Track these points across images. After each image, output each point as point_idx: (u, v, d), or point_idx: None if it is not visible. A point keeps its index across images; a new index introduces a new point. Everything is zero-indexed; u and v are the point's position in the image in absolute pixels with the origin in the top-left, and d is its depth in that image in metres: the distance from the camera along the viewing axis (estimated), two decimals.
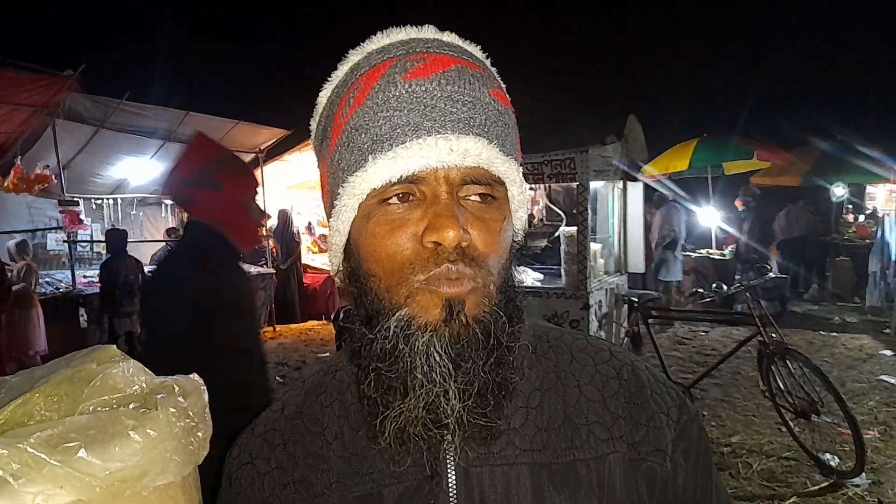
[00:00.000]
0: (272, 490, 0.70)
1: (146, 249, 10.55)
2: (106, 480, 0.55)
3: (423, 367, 0.58)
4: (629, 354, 0.75)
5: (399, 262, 0.60)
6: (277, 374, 6.63)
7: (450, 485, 0.64)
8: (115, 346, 0.71)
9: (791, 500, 3.41)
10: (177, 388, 0.68)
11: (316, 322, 9.65)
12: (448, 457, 0.64)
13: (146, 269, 8.61)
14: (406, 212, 0.60)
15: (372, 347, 0.61)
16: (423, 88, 0.60)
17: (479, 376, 0.60)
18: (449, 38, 0.67)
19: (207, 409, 0.70)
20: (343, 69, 0.67)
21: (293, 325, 9.44)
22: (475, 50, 0.68)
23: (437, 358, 0.58)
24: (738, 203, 9.84)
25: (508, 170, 0.63)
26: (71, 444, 0.54)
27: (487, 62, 0.69)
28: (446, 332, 0.59)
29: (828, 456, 3.77)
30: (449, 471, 0.64)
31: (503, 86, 0.68)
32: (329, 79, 0.69)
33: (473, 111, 0.60)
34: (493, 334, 0.60)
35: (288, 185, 11.45)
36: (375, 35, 0.66)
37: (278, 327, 9.23)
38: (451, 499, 0.64)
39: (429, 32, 0.66)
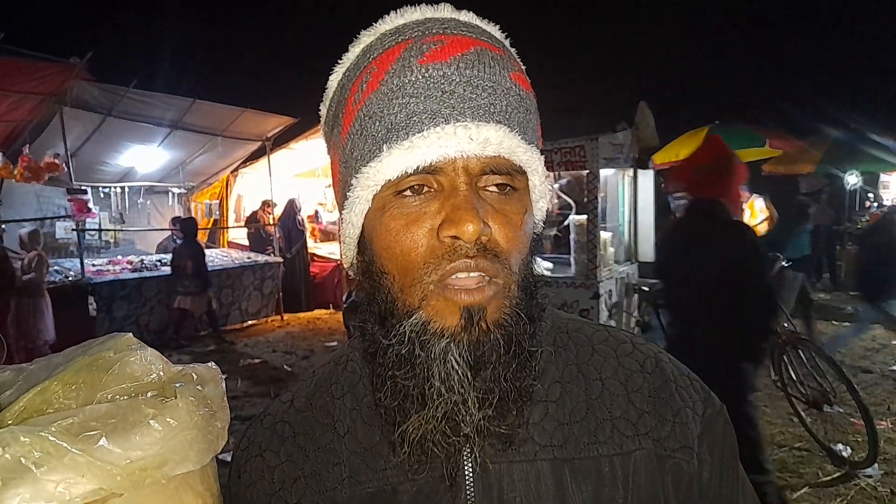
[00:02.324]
0: (282, 483, 0.68)
1: (152, 238, 10.62)
2: (127, 469, 0.54)
3: (441, 375, 0.56)
4: (651, 346, 0.72)
5: (413, 259, 0.57)
6: (285, 362, 6.66)
7: (467, 482, 0.62)
8: (131, 335, 0.69)
9: (803, 491, 3.40)
10: (195, 377, 0.67)
11: (323, 311, 9.68)
12: (464, 453, 0.62)
13: (154, 257, 8.70)
14: (423, 204, 0.58)
15: (387, 354, 0.59)
16: (441, 73, 0.56)
17: (499, 384, 0.57)
18: (466, 17, 0.63)
19: (225, 398, 0.69)
20: (354, 51, 0.64)
21: (300, 314, 9.48)
22: (494, 30, 0.65)
23: (455, 365, 0.56)
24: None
25: (530, 159, 0.60)
26: (92, 433, 0.53)
27: (507, 42, 0.65)
28: (465, 339, 0.56)
29: (840, 446, 3.75)
30: (466, 468, 0.62)
31: (523, 68, 0.65)
32: (339, 62, 0.65)
33: (494, 97, 0.57)
34: (514, 338, 0.58)
35: (294, 174, 11.45)
36: (388, 15, 0.63)
37: (286, 316, 9.27)
38: (469, 497, 0.62)
39: (445, 11, 0.63)
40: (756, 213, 9.46)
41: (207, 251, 9.73)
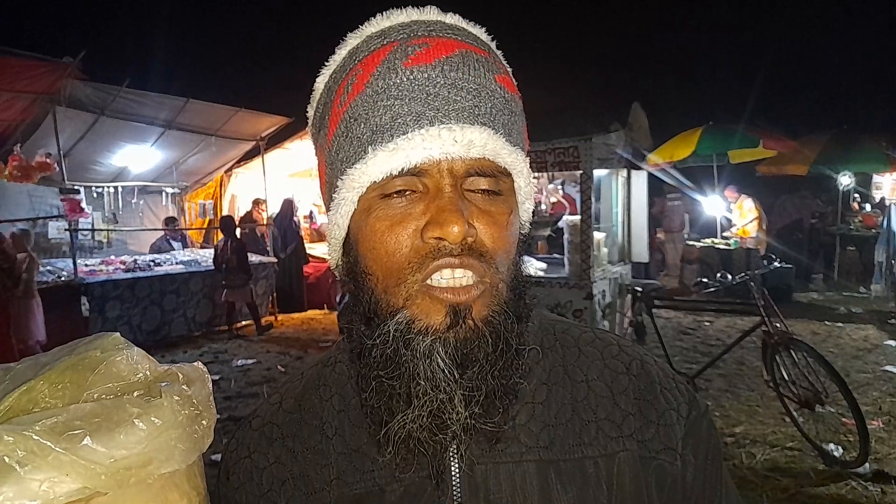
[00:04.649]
0: (270, 485, 0.69)
1: (146, 238, 10.57)
2: (111, 468, 0.54)
3: (427, 373, 0.56)
4: (638, 349, 0.73)
5: (398, 260, 0.57)
6: (279, 363, 6.64)
7: (454, 483, 0.62)
8: (118, 334, 0.69)
9: (794, 491, 3.41)
10: (181, 376, 0.67)
11: (318, 311, 9.67)
12: (451, 452, 0.62)
13: (147, 258, 8.66)
14: (408, 206, 0.58)
15: (372, 353, 0.59)
16: (426, 75, 0.57)
17: (486, 381, 0.58)
18: (452, 20, 0.64)
19: (212, 397, 0.69)
20: (341, 54, 0.64)
21: (295, 315, 9.45)
22: (480, 32, 0.65)
23: (441, 363, 0.56)
24: (728, 193, 9.82)
25: (515, 161, 0.61)
26: (76, 432, 0.53)
27: (493, 45, 0.66)
28: (451, 337, 0.57)
29: (832, 446, 3.77)
30: (453, 468, 0.62)
31: (509, 70, 0.65)
32: (326, 64, 0.66)
33: (478, 99, 0.58)
34: (502, 336, 0.58)
35: (289, 174, 11.43)
36: (375, 17, 0.63)
37: (280, 316, 9.25)
38: (455, 497, 0.62)
39: (431, 14, 0.63)
40: (745, 212, 9.54)
41: (201, 251, 9.72)
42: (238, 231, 10.54)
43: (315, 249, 10.51)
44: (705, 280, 4.64)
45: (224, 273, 7.95)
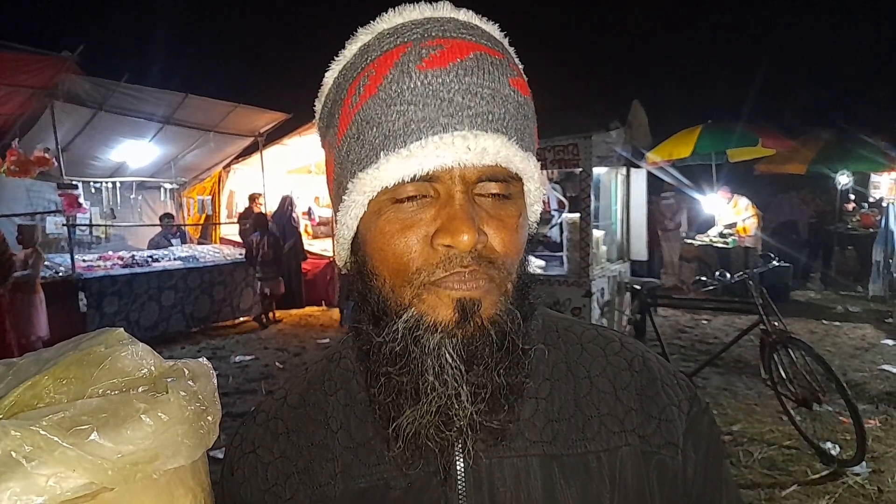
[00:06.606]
0: (275, 480, 0.69)
1: (144, 233, 10.55)
2: (118, 463, 0.54)
3: (435, 369, 0.57)
4: (639, 345, 0.74)
5: (406, 263, 0.57)
6: (277, 359, 6.64)
7: (458, 477, 0.63)
8: (122, 330, 0.69)
9: (791, 489, 3.42)
10: (186, 372, 0.67)
11: (315, 308, 9.66)
12: (457, 448, 0.62)
13: (145, 253, 8.65)
14: (418, 211, 0.58)
15: (381, 351, 0.59)
16: (440, 80, 0.56)
17: (492, 379, 0.58)
18: (466, 16, 0.62)
19: (217, 393, 0.69)
20: (352, 49, 0.63)
21: (293, 311, 9.44)
22: (493, 30, 0.64)
23: (449, 359, 0.57)
24: (722, 194, 9.83)
25: (527, 166, 0.60)
26: (83, 427, 0.53)
27: (506, 42, 0.65)
28: (459, 333, 0.57)
29: (829, 444, 3.78)
30: (458, 463, 0.63)
31: (521, 68, 0.64)
32: (336, 58, 0.65)
33: (492, 105, 0.57)
34: (508, 335, 0.59)
35: (287, 170, 11.41)
36: (387, 13, 0.62)
37: (278, 313, 9.23)
38: (460, 491, 0.62)
39: (444, 10, 0.62)
40: (741, 210, 9.55)
41: (200, 247, 9.70)
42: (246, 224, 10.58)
43: (313, 246, 10.49)
44: (704, 278, 4.65)
45: (260, 266, 8.28)
